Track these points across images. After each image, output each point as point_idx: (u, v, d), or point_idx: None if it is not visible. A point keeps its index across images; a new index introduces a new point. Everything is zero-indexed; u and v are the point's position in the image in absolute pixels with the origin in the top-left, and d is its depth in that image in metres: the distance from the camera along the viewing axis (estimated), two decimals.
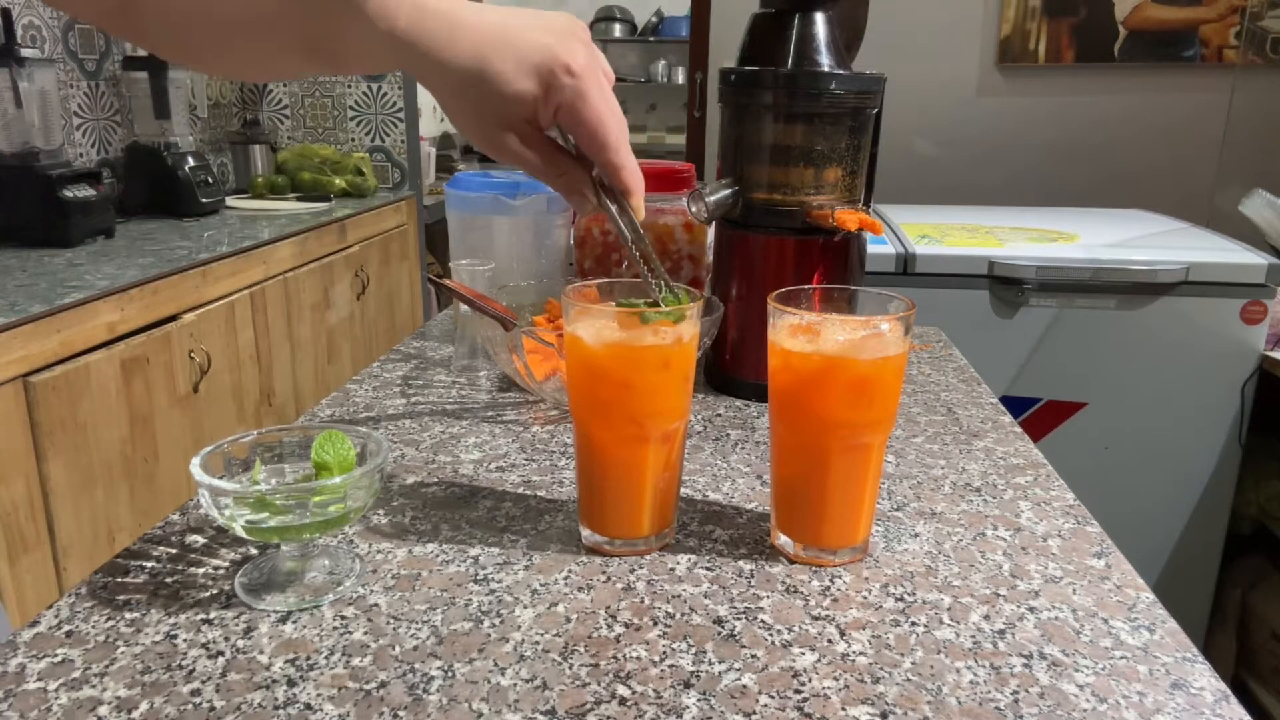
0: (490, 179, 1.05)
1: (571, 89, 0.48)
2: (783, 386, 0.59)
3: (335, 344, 2.28)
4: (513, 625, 0.52)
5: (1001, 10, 2.48)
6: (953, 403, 0.91)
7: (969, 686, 0.47)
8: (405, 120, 2.87)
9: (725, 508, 0.67)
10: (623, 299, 0.61)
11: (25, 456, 1.28)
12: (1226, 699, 0.47)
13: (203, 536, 0.62)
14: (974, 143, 2.57)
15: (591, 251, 0.99)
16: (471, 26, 0.48)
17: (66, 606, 0.53)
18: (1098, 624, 0.53)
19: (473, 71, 0.47)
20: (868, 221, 0.82)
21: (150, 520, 1.52)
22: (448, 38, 0.47)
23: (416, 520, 0.64)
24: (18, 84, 1.73)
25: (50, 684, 0.46)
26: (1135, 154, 2.54)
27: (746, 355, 0.90)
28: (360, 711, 0.45)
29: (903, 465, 0.75)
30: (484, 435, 0.80)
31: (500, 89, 0.47)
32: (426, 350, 1.05)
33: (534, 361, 0.81)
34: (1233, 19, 2.43)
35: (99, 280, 1.48)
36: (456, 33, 0.47)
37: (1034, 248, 1.71)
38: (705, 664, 0.49)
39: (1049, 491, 0.71)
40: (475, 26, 0.48)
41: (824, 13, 0.86)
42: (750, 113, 0.85)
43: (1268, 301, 1.64)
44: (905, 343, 0.57)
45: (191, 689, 0.46)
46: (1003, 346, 1.71)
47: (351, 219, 2.38)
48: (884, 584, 0.57)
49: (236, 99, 2.86)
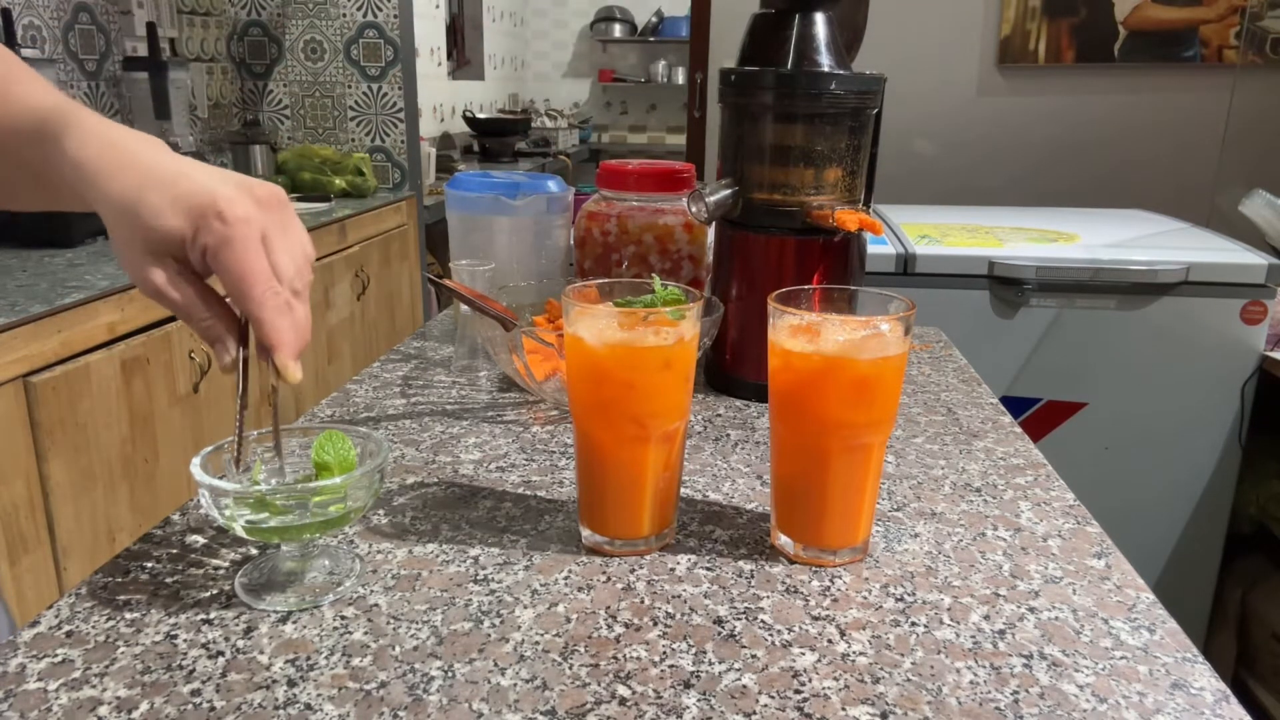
0: (490, 179, 1.05)
1: (220, 234, 0.49)
2: (783, 387, 0.59)
3: (335, 344, 2.28)
4: (513, 625, 0.52)
5: (1001, 10, 2.48)
6: (953, 403, 0.91)
7: (969, 687, 0.47)
8: (405, 120, 2.87)
9: (725, 508, 0.67)
10: (621, 299, 0.61)
11: (25, 456, 1.28)
12: (1226, 699, 0.47)
13: (203, 536, 0.62)
14: (974, 143, 2.57)
15: (591, 252, 0.99)
16: (147, 164, 0.51)
17: (66, 606, 0.53)
18: (1098, 624, 0.53)
19: (130, 201, 0.50)
20: (868, 222, 0.82)
21: (150, 520, 1.52)
22: (118, 168, 0.50)
23: (416, 520, 0.64)
24: None
25: (50, 684, 0.46)
26: (1135, 154, 2.53)
27: (746, 355, 0.90)
28: (360, 712, 0.45)
29: (903, 465, 0.75)
30: (484, 435, 0.80)
31: (149, 221, 0.49)
32: (426, 350, 1.05)
33: (534, 361, 0.81)
34: (1233, 19, 2.43)
35: (99, 280, 1.48)
36: (128, 168, 0.50)
37: (1034, 248, 1.71)
38: (705, 664, 0.49)
39: (1049, 492, 0.71)
40: (151, 165, 0.51)
41: (824, 13, 0.86)
42: (750, 113, 0.85)
43: (1268, 301, 1.64)
44: (905, 343, 0.57)
45: (192, 689, 0.46)
46: (1003, 347, 1.71)
47: (351, 219, 2.38)
48: (884, 584, 0.57)
49: (237, 99, 2.86)
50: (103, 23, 2.24)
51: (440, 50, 4.38)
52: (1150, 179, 2.52)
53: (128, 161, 0.50)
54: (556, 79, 6.12)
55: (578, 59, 6.07)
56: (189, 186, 0.50)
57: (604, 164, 1.00)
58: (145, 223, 0.50)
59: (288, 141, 2.90)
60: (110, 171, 0.50)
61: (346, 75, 2.84)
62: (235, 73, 2.85)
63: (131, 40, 2.33)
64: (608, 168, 0.99)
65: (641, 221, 0.96)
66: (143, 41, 2.30)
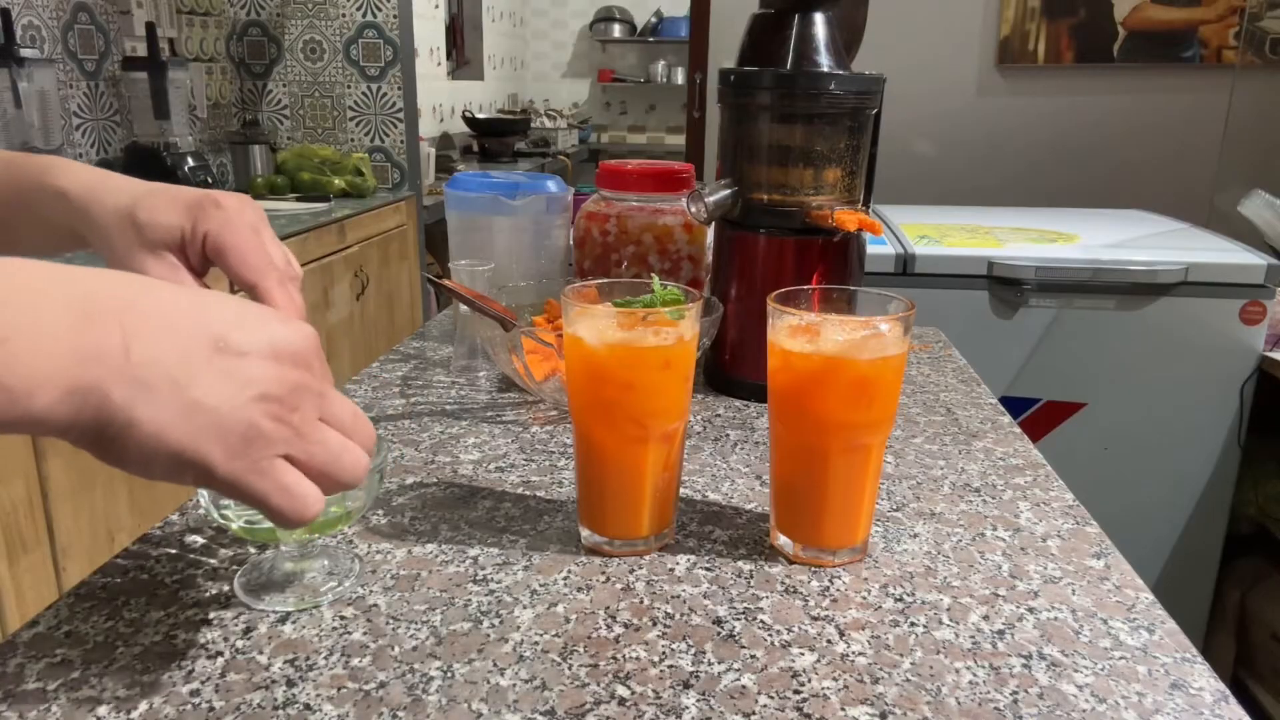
0: (489, 179, 1.05)
1: (219, 218, 0.52)
2: (782, 387, 0.59)
3: (335, 344, 2.28)
4: (512, 626, 0.52)
5: (1001, 11, 2.48)
6: (952, 403, 0.91)
7: (968, 687, 0.47)
8: (405, 120, 2.87)
9: (725, 508, 0.67)
10: (620, 299, 0.61)
11: (25, 456, 1.28)
12: (1225, 699, 0.47)
13: (202, 537, 0.61)
14: (973, 143, 2.57)
15: (591, 251, 0.99)
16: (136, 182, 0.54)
17: (66, 607, 0.53)
18: (1097, 624, 0.53)
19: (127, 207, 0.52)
20: (867, 222, 0.82)
21: (150, 520, 1.52)
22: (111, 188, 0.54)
23: (416, 520, 0.64)
24: (17, 84, 1.73)
25: (49, 684, 0.46)
26: (1135, 154, 2.53)
27: (746, 355, 0.90)
28: (359, 712, 0.45)
29: (902, 466, 0.76)
30: (483, 435, 0.80)
31: (148, 218, 0.52)
32: (426, 350, 1.05)
33: (533, 362, 0.81)
34: (1232, 20, 2.43)
35: None
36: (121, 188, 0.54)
37: (1033, 248, 1.71)
38: (705, 664, 0.49)
39: (1048, 492, 0.71)
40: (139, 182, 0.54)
41: (823, 13, 0.86)
42: (749, 113, 0.85)
43: (1267, 302, 1.64)
44: (905, 343, 0.57)
45: (191, 689, 0.46)
46: (1002, 347, 1.71)
47: (351, 219, 2.38)
48: (883, 584, 0.57)
49: (236, 99, 2.86)
50: (102, 23, 2.24)
51: (440, 50, 4.38)
52: (1149, 179, 2.52)
53: (116, 184, 0.54)
54: (556, 79, 6.12)
55: (577, 59, 6.07)
56: (181, 189, 0.54)
57: (603, 164, 1.00)
58: (145, 220, 0.52)
59: (287, 141, 2.90)
60: (106, 188, 0.53)
61: (346, 75, 2.84)
62: (234, 73, 2.85)
63: (131, 40, 2.33)
64: (607, 168, 0.99)
65: (641, 222, 0.96)
66: (142, 41, 2.30)
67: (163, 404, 0.36)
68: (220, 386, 0.37)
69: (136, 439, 0.36)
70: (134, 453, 0.36)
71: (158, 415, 0.36)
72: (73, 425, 0.35)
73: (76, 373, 0.34)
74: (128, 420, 0.35)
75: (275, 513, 0.40)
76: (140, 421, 0.35)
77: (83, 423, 0.35)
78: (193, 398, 0.37)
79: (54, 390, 0.34)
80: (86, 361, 0.35)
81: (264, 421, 0.38)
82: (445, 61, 4.48)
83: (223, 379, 0.38)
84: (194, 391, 0.37)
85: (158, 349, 0.36)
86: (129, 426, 0.36)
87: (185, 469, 0.37)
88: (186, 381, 0.37)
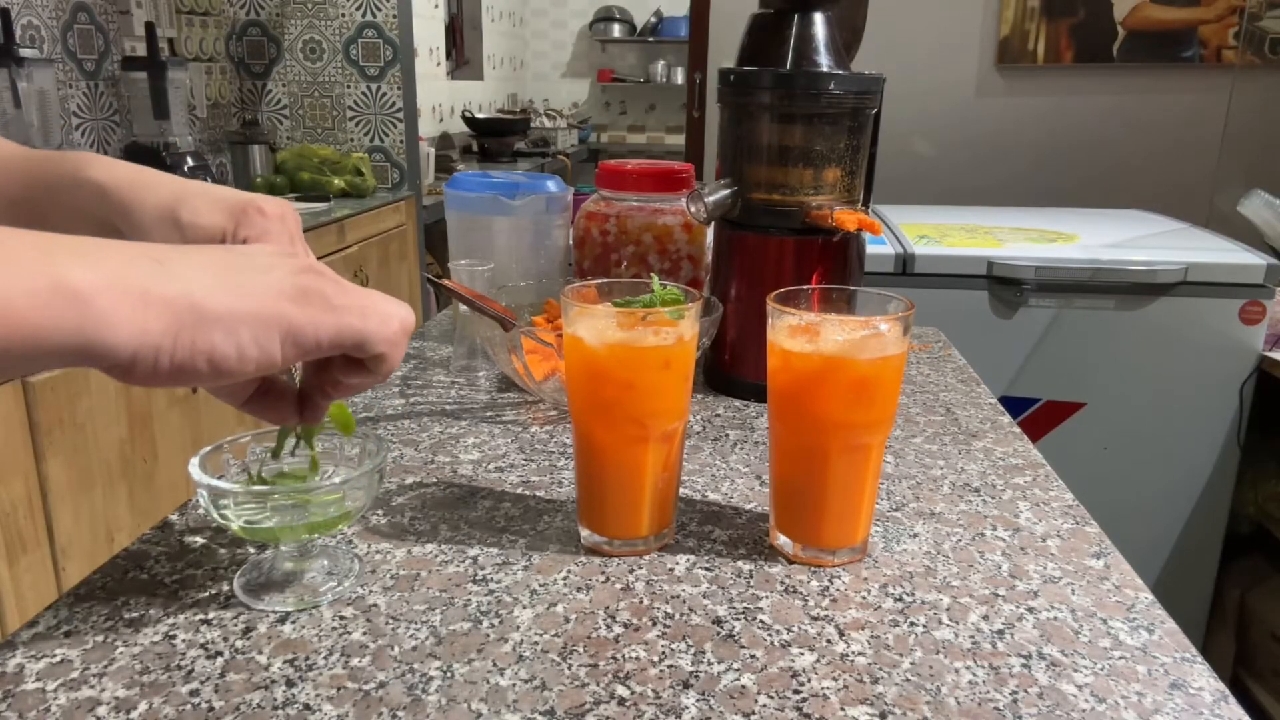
0: (489, 179, 1.05)
1: (261, 225, 0.53)
2: (782, 387, 0.59)
3: None
4: (512, 625, 0.52)
5: (1000, 11, 2.48)
6: (952, 403, 0.91)
7: (968, 687, 0.48)
8: (404, 120, 2.87)
9: (724, 508, 0.67)
10: (620, 299, 0.61)
11: (24, 456, 1.28)
12: (1225, 699, 0.47)
13: (202, 537, 0.61)
14: (973, 143, 2.57)
15: (590, 251, 0.99)
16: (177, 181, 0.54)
17: (65, 606, 0.53)
18: (1096, 624, 0.53)
19: (169, 207, 0.53)
20: (867, 222, 0.82)
21: (149, 520, 1.52)
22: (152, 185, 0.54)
23: (415, 520, 0.64)
24: (16, 84, 1.73)
25: (49, 684, 0.46)
26: (1134, 154, 2.54)
27: (746, 355, 0.90)
28: (359, 712, 0.45)
29: (902, 465, 0.76)
30: (483, 435, 0.80)
31: (190, 219, 0.53)
32: (425, 350, 1.05)
33: (533, 361, 0.81)
34: (1232, 19, 2.43)
35: None
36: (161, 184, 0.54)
37: (1033, 248, 1.71)
38: (704, 664, 0.49)
39: (1048, 492, 0.71)
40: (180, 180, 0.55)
41: (823, 13, 0.86)
42: (749, 113, 0.85)
43: (1266, 302, 1.64)
44: (904, 343, 0.57)
45: (190, 689, 0.46)
46: (1002, 347, 1.71)
47: (350, 219, 2.38)
48: (883, 584, 0.57)
49: (235, 99, 2.86)
50: (101, 22, 2.24)
51: (439, 50, 4.38)
52: (1149, 179, 2.52)
53: (156, 180, 0.54)
54: (555, 79, 6.12)
55: (577, 59, 6.07)
56: (223, 191, 0.54)
57: (603, 164, 1.00)
58: (188, 220, 0.52)
59: (286, 141, 2.90)
60: (146, 185, 0.54)
61: (345, 75, 2.84)
62: (234, 72, 2.85)
63: (130, 40, 2.33)
64: (607, 168, 0.99)
65: (640, 221, 0.96)
66: (141, 41, 2.30)
67: (220, 290, 0.40)
68: (255, 273, 0.42)
69: (213, 316, 0.39)
70: (219, 334, 0.39)
71: (221, 298, 0.40)
72: (160, 340, 0.38)
73: (145, 295, 0.38)
74: (194, 310, 0.39)
75: (370, 338, 0.44)
76: (208, 306, 0.39)
77: (159, 328, 0.38)
78: (238, 281, 0.41)
79: (131, 323, 0.37)
80: (149, 293, 0.38)
81: (306, 279, 0.43)
82: (445, 61, 4.48)
83: (253, 270, 0.42)
84: (238, 277, 0.41)
85: (190, 269, 0.40)
86: (201, 315, 0.39)
87: (271, 330, 0.41)
88: (227, 275, 0.41)
